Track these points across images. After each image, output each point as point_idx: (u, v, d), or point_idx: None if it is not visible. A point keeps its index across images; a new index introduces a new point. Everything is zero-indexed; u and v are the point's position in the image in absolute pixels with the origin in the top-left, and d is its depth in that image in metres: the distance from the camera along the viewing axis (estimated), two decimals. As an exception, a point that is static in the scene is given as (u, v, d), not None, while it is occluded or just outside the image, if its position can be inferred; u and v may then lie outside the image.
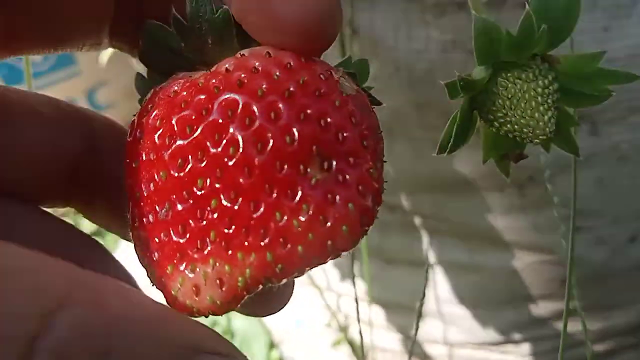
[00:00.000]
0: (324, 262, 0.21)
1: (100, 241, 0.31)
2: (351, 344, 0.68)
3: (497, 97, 0.27)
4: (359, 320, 0.50)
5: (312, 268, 0.21)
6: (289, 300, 0.30)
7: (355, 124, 0.22)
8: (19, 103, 0.29)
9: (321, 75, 0.22)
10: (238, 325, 0.81)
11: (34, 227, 0.29)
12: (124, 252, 0.26)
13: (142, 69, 0.28)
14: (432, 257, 0.62)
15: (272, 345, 0.77)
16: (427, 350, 0.67)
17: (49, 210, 0.31)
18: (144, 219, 0.23)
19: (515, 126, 0.27)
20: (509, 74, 0.27)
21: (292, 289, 0.30)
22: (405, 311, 0.65)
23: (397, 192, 0.60)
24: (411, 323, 0.61)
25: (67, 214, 0.61)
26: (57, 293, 0.16)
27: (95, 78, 0.87)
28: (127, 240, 0.26)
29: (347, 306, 0.69)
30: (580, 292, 0.61)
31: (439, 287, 0.63)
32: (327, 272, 0.69)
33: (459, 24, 0.48)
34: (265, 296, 0.24)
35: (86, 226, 0.47)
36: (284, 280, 0.21)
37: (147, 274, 0.23)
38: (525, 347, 0.64)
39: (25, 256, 0.17)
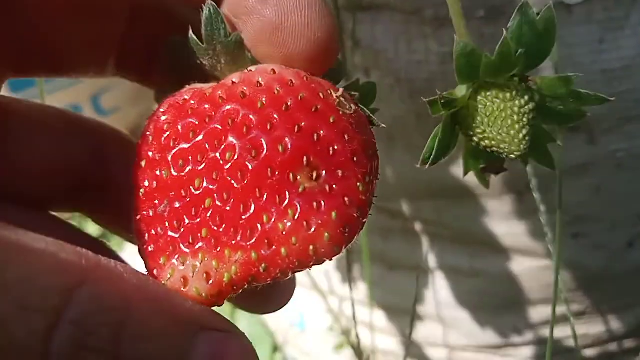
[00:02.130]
0: (307, 267, 0.24)
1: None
2: (354, 347, 0.71)
3: (477, 114, 0.30)
4: (355, 323, 0.53)
5: (295, 271, 0.24)
6: (289, 300, 0.33)
7: (348, 140, 0.25)
8: (29, 116, 0.33)
9: (320, 94, 0.25)
10: (241, 327, 0.84)
11: (45, 231, 0.33)
12: (130, 255, 0.29)
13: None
14: (432, 262, 0.65)
15: (275, 348, 0.80)
16: (428, 353, 0.70)
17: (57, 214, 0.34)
18: (144, 213, 0.26)
19: (493, 142, 0.30)
20: (488, 93, 0.30)
21: (293, 290, 0.33)
22: (406, 315, 0.68)
23: (399, 198, 0.63)
24: (410, 326, 0.64)
25: (73, 218, 0.64)
26: (77, 271, 0.20)
27: (100, 84, 0.91)
28: (131, 242, 0.30)
29: (350, 310, 0.73)
30: (578, 297, 0.64)
31: (440, 291, 0.66)
32: (330, 277, 0.72)
33: (457, 37, 0.51)
34: (265, 294, 0.27)
35: (91, 230, 0.50)
36: (269, 281, 0.24)
37: (144, 265, 0.26)
38: (525, 350, 0.66)
39: (47, 240, 0.21)
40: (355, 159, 0.25)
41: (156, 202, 0.26)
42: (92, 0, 0.31)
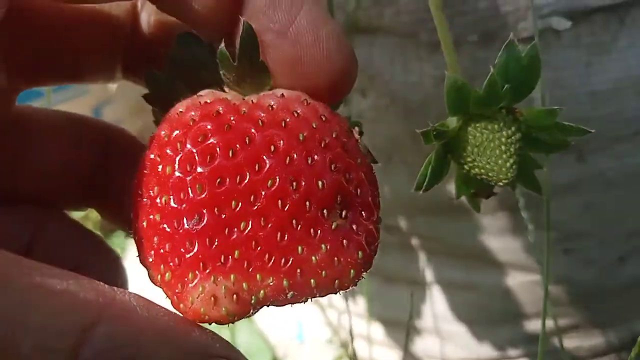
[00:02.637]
0: (325, 295, 0.25)
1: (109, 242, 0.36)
2: (351, 359, 0.73)
3: (467, 144, 0.32)
4: (352, 336, 0.55)
5: (314, 298, 0.25)
6: None
7: (369, 183, 0.26)
8: (42, 121, 0.35)
9: (347, 132, 0.27)
10: (242, 340, 0.86)
11: (57, 227, 0.35)
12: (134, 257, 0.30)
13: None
14: (429, 276, 0.67)
15: (275, 360, 0.82)
16: (425, 366, 0.72)
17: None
18: (167, 225, 0.25)
19: (482, 170, 0.32)
20: (477, 125, 0.32)
21: None
22: (404, 327, 0.69)
23: (396, 214, 0.65)
24: (409, 339, 0.66)
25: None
26: (92, 311, 0.21)
27: (102, 96, 0.92)
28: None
29: (349, 323, 0.74)
30: (571, 311, 0.66)
31: (437, 304, 0.68)
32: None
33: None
34: None
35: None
36: (286, 304, 0.25)
37: (149, 275, 0.26)
38: (520, 363, 0.68)
39: (69, 279, 0.22)
40: (372, 201, 0.26)
41: (185, 217, 0.25)
42: (98, 12, 0.33)
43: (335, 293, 0.25)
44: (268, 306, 0.25)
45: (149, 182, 0.26)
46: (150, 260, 0.26)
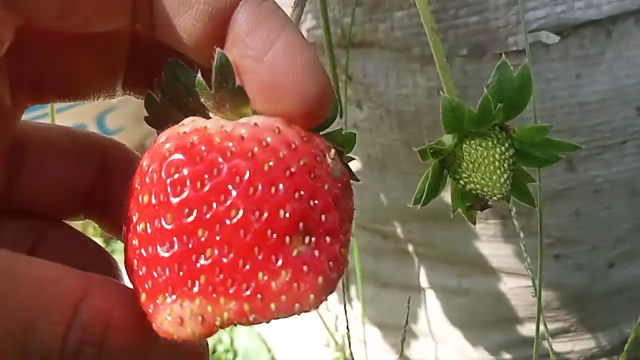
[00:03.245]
0: (286, 317, 0.26)
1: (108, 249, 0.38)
2: (348, 363, 0.74)
3: (462, 161, 0.34)
4: (349, 340, 0.57)
5: (275, 319, 0.26)
6: None
7: (337, 209, 0.27)
8: (41, 136, 0.36)
9: (317, 157, 0.27)
10: (240, 343, 0.87)
11: (57, 236, 0.36)
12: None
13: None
14: (423, 281, 0.69)
15: (273, 364, 0.83)
16: (420, 369, 0.73)
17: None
18: (144, 250, 0.27)
19: (477, 185, 0.34)
20: (472, 142, 0.34)
21: None
22: (399, 331, 0.71)
23: (390, 221, 0.67)
24: (404, 342, 0.68)
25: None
26: (81, 289, 0.26)
27: (105, 104, 0.93)
28: None
29: (345, 327, 0.76)
30: (562, 315, 0.68)
31: (431, 309, 0.70)
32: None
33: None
34: None
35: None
36: (252, 324, 0.27)
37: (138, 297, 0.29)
38: (512, 366, 0.70)
39: (54, 268, 0.27)
40: (341, 226, 0.27)
41: (158, 243, 0.27)
42: (98, 34, 0.34)
43: (299, 314, 0.26)
44: (235, 325, 0.27)
45: (131, 209, 0.28)
46: (131, 281, 0.28)
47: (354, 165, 0.34)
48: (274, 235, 0.26)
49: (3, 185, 0.34)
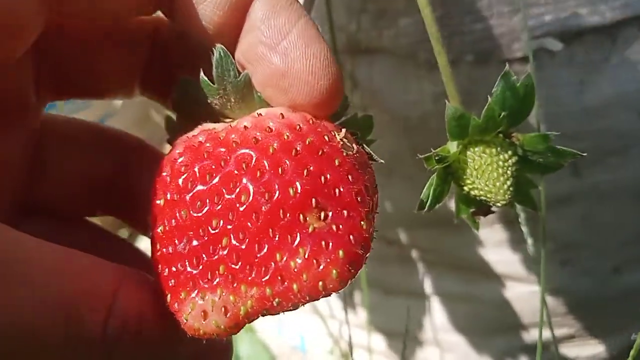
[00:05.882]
0: (316, 299, 0.26)
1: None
2: (353, 370, 0.75)
3: (467, 168, 0.35)
4: (352, 347, 0.58)
5: (305, 303, 0.27)
6: None
7: (352, 181, 0.27)
8: (62, 131, 0.37)
9: (326, 137, 0.28)
10: (243, 350, 0.88)
11: (81, 234, 0.38)
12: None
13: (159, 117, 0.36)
14: (428, 288, 0.70)
15: (277, 371, 0.84)
16: (425, 376, 0.75)
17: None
18: (164, 250, 0.28)
19: (481, 192, 0.35)
20: (476, 149, 0.35)
21: None
22: (403, 338, 0.72)
23: (396, 227, 0.68)
24: (408, 349, 0.69)
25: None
26: (116, 280, 0.27)
27: (106, 108, 0.95)
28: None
29: (349, 334, 0.77)
30: (568, 320, 0.69)
31: (436, 316, 0.71)
32: (330, 301, 0.76)
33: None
34: None
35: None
36: (281, 312, 0.27)
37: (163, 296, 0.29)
38: (518, 373, 0.71)
39: (90, 258, 0.28)
40: (359, 198, 0.27)
41: (176, 240, 0.28)
42: (119, 33, 0.35)
43: (327, 295, 0.26)
44: (264, 316, 0.27)
45: (152, 213, 0.29)
46: (158, 283, 0.29)
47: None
48: (288, 215, 0.26)
49: (26, 179, 0.35)
